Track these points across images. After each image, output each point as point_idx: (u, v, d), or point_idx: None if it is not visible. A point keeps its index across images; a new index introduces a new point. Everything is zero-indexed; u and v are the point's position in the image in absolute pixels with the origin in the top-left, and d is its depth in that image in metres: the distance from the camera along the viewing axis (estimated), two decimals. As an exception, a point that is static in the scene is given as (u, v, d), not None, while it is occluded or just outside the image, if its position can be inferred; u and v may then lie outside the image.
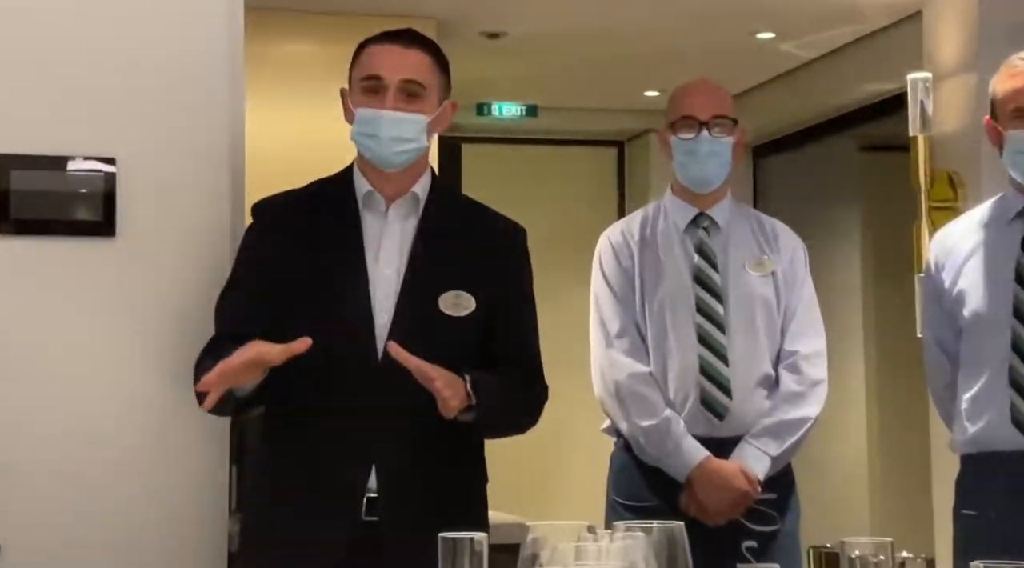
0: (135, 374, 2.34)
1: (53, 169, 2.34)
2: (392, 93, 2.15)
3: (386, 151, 2.15)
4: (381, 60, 2.17)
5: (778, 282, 2.79)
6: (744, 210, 2.95)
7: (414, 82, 2.16)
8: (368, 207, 2.20)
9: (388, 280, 2.15)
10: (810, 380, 2.75)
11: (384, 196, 2.20)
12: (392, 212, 2.20)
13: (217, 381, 1.96)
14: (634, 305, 2.80)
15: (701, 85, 2.85)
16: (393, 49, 2.18)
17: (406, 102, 2.16)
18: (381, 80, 2.15)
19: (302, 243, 2.17)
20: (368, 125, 2.16)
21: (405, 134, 2.15)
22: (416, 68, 2.18)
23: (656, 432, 2.70)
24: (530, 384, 2.25)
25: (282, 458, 2.15)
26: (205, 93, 2.42)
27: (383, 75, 2.15)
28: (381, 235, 2.18)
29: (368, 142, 2.16)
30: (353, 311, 2.11)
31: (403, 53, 2.18)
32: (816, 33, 5.35)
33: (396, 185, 2.20)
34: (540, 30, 5.31)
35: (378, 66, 2.16)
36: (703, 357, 2.72)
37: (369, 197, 2.20)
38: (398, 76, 2.15)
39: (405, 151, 2.16)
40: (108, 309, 2.34)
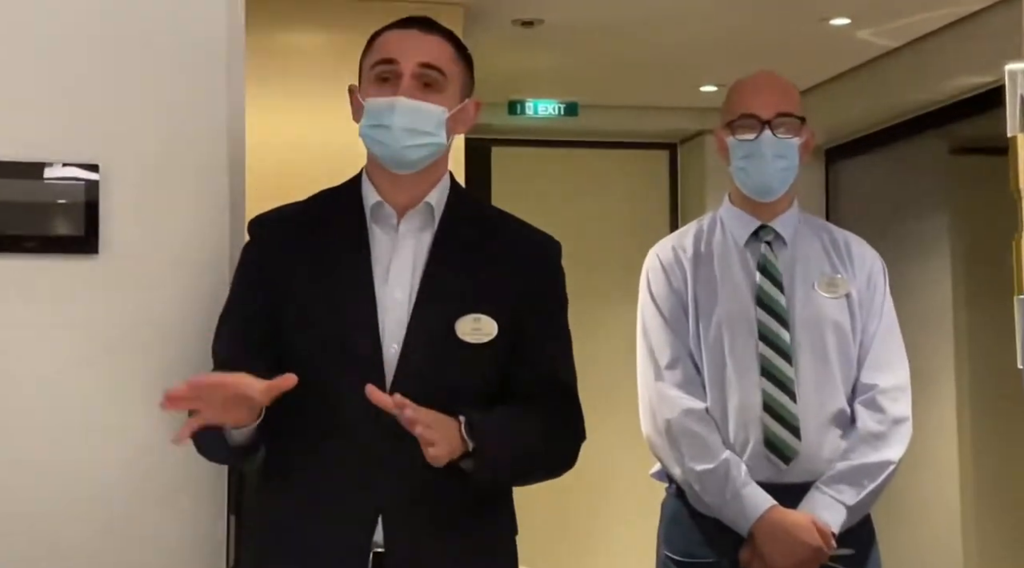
0: (122, 411, 2.34)
1: (27, 177, 2.34)
2: (408, 79, 2.15)
3: (399, 144, 2.14)
4: (397, 43, 2.18)
5: (853, 304, 2.79)
6: (813, 222, 2.94)
7: (433, 67, 2.16)
8: (377, 220, 2.20)
9: (399, 304, 2.14)
10: (891, 418, 2.74)
11: (395, 207, 2.20)
12: (404, 226, 2.19)
13: (187, 394, 1.92)
14: (687, 331, 2.80)
15: (763, 79, 2.85)
16: (411, 33, 2.19)
17: (423, 91, 2.16)
18: (395, 64, 2.15)
19: (303, 264, 2.16)
20: (379, 115, 2.15)
21: (421, 125, 2.15)
22: (436, 54, 2.18)
23: (713, 477, 2.70)
24: (561, 420, 2.20)
25: (281, 507, 2.15)
26: (200, 90, 2.43)
27: (398, 58, 2.15)
28: (392, 253, 2.17)
29: (378, 135, 2.15)
30: (360, 340, 2.10)
31: (422, 38, 2.19)
32: (898, 18, 5.33)
33: (409, 193, 2.20)
34: (581, 17, 5.32)
35: (393, 49, 2.17)
36: (767, 391, 2.72)
37: (378, 209, 2.20)
38: (415, 60, 2.15)
39: (421, 145, 2.16)
40: (90, 337, 2.35)
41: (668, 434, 2.76)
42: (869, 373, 2.77)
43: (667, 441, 2.76)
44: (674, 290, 2.82)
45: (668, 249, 2.87)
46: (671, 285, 2.82)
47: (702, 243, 2.85)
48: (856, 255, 2.85)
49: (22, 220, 2.35)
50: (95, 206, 2.36)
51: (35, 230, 2.35)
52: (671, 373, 2.78)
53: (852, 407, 2.76)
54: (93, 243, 2.37)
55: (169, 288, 2.37)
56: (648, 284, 2.86)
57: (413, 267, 2.17)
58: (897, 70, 5.80)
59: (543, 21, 5.36)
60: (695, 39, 5.60)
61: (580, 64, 6.11)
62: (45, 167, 2.35)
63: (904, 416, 2.76)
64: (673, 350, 2.79)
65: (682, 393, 2.76)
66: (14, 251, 2.34)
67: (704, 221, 2.91)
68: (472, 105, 2.26)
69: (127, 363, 2.36)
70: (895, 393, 2.76)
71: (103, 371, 2.35)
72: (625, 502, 6.56)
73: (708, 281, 2.80)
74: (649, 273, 2.87)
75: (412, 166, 2.18)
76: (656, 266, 2.86)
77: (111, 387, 2.35)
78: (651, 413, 2.80)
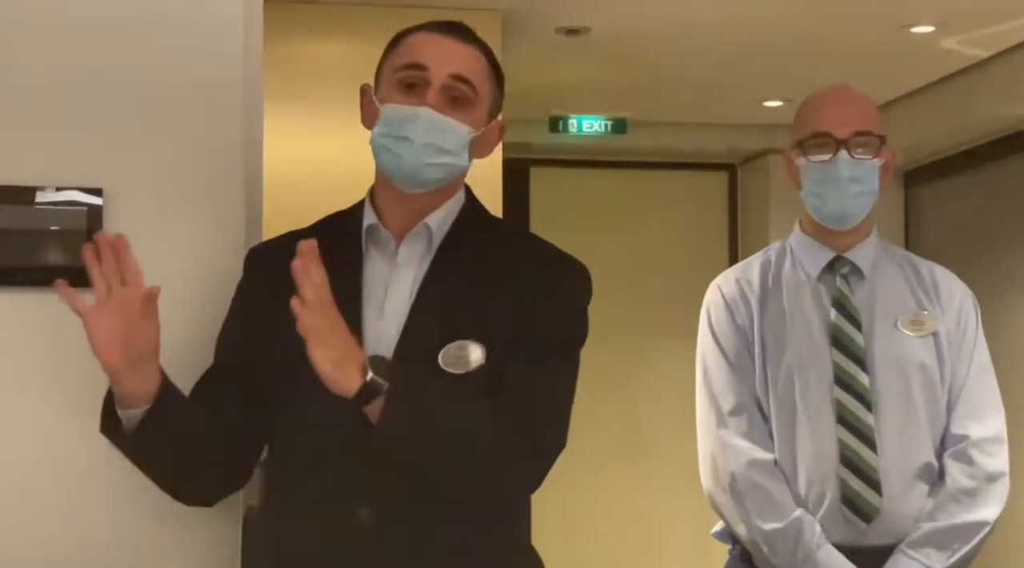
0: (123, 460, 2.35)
1: (19, 203, 2.35)
2: (436, 89, 2.14)
3: (416, 161, 2.13)
4: (429, 48, 2.17)
5: (941, 344, 2.78)
6: (895, 252, 2.94)
7: (466, 81, 2.15)
8: (375, 245, 2.21)
9: (392, 339, 2.14)
10: (985, 473, 2.72)
11: (394, 230, 2.20)
12: (404, 251, 2.19)
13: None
14: (753, 374, 2.80)
15: (839, 94, 2.85)
16: (445, 39, 2.18)
17: (451, 106, 2.15)
18: (425, 71, 2.14)
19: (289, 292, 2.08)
20: (398, 124, 2.13)
21: (445, 143, 2.14)
22: (470, 66, 2.18)
23: (784, 538, 2.69)
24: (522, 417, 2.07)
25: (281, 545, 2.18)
26: (214, 107, 2.44)
27: (428, 65, 2.14)
28: (388, 282, 2.18)
29: (395, 147, 2.13)
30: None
31: (456, 47, 2.18)
32: (988, 26, 5.32)
33: (413, 214, 2.19)
34: (632, 24, 5.34)
35: (424, 54, 2.16)
36: (844, 441, 2.71)
37: (374, 232, 2.20)
38: (447, 70, 2.14)
39: (440, 165, 2.15)
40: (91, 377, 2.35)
41: (732, 489, 2.75)
42: (960, 422, 2.75)
43: (731, 496, 2.75)
44: (738, 328, 2.82)
45: (732, 282, 2.87)
46: (735, 322, 2.82)
47: (770, 276, 2.85)
48: (944, 289, 2.84)
49: (14, 250, 2.36)
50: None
51: (29, 261, 2.36)
52: (735, 420, 2.77)
53: (941, 460, 2.75)
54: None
55: (178, 325, 2.37)
56: (709, 321, 2.86)
57: (411, 296, 2.16)
58: (986, 83, 5.79)
59: (590, 29, 5.37)
60: (758, 48, 5.61)
61: (629, 76, 6.13)
62: (37, 191, 2.36)
63: (1000, 471, 2.74)
64: (737, 395, 2.78)
65: (748, 443, 2.75)
66: (6, 284, 2.35)
67: (772, 251, 2.91)
68: (497, 127, 2.26)
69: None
70: (990, 445, 2.74)
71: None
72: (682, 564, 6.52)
73: (777, 318, 2.80)
74: (710, 309, 2.87)
75: (424, 186, 2.17)
76: (718, 301, 2.86)
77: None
78: (712, 465, 2.80)
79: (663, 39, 5.50)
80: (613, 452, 6.42)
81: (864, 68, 5.58)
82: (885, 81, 5.86)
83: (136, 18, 2.42)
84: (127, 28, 2.41)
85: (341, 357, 1.95)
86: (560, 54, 5.66)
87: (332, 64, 4.92)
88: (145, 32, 2.42)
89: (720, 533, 2.87)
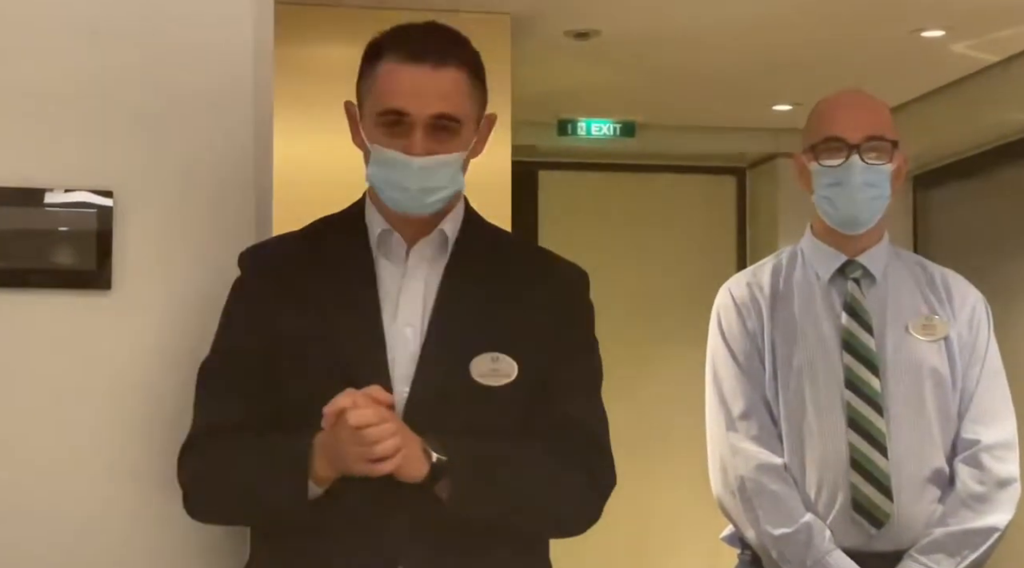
0: (135, 464, 2.36)
1: (29, 205, 2.35)
2: (420, 132, 2.13)
3: (415, 203, 2.15)
4: (405, 88, 2.14)
5: (952, 349, 2.77)
6: (907, 257, 2.93)
7: (449, 118, 2.15)
8: (384, 250, 2.21)
9: (409, 343, 2.14)
10: (996, 478, 2.71)
11: (404, 236, 2.20)
12: (414, 256, 2.20)
13: None
14: (763, 378, 2.79)
15: (851, 98, 2.84)
16: (420, 72, 2.14)
17: (437, 142, 2.15)
18: (407, 116, 2.13)
19: (303, 302, 2.15)
20: (390, 170, 2.15)
21: (439, 182, 2.15)
22: (451, 97, 2.15)
23: (793, 543, 2.68)
24: (578, 463, 2.14)
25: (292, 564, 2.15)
26: (224, 110, 2.44)
27: (410, 111, 2.13)
28: (400, 286, 2.18)
29: (391, 192, 2.16)
30: (367, 381, 2.07)
31: (434, 77, 2.14)
32: (999, 30, 5.31)
33: (421, 224, 2.21)
34: (642, 27, 5.33)
35: (402, 98, 2.13)
36: (854, 446, 2.70)
37: (385, 237, 2.20)
38: (428, 111, 2.12)
39: (439, 199, 2.17)
40: (101, 381, 2.36)
41: (741, 493, 2.74)
42: (971, 427, 2.74)
43: (740, 501, 2.75)
44: (749, 332, 2.81)
45: (743, 286, 2.86)
46: (746, 326, 2.81)
47: (781, 279, 2.84)
48: (956, 294, 2.83)
49: (23, 252, 2.35)
50: (108, 237, 2.37)
51: (38, 263, 2.36)
52: (745, 424, 2.77)
53: (951, 465, 2.74)
54: (105, 278, 2.38)
55: (187, 328, 2.37)
56: (720, 325, 2.85)
57: (424, 301, 2.17)
58: (996, 87, 5.78)
59: (599, 32, 5.37)
60: (768, 52, 5.60)
61: (639, 80, 6.13)
62: (46, 193, 2.36)
63: (1011, 476, 2.73)
64: (747, 399, 2.78)
65: (757, 447, 2.75)
66: (15, 286, 2.35)
67: (783, 255, 2.90)
68: (487, 124, 2.25)
69: (142, 409, 2.36)
70: (1000, 450, 2.73)
71: (116, 419, 2.36)
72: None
73: (787, 322, 2.79)
74: (721, 312, 2.86)
75: (428, 212, 2.19)
76: (729, 304, 2.85)
77: (124, 436, 2.36)
78: (722, 469, 2.79)
79: (672, 42, 5.50)
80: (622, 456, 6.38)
81: (874, 72, 5.58)
82: (895, 85, 5.84)
83: (147, 21, 2.42)
84: (138, 31, 2.41)
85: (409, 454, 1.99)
86: (569, 57, 5.65)
87: (342, 67, 4.85)
88: (156, 34, 2.42)
89: (729, 537, 2.86)
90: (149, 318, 2.38)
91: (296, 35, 4.64)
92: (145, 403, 2.37)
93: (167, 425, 2.32)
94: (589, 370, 2.24)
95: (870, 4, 4.99)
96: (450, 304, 2.16)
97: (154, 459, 2.34)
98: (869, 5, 5.00)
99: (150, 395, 2.37)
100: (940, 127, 6.14)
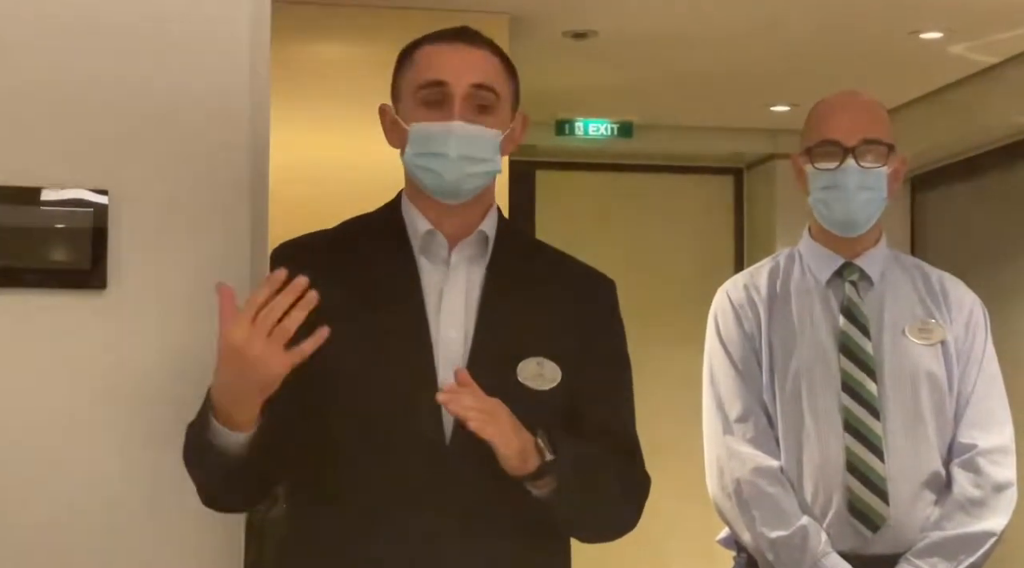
0: (130, 463, 2.35)
1: (24, 203, 2.35)
2: (460, 102, 2.15)
3: (455, 174, 2.15)
4: (444, 61, 2.17)
5: (949, 353, 2.77)
6: (904, 260, 2.92)
7: (488, 88, 2.17)
8: (426, 251, 2.21)
9: (453, 343, 2.14)
10: (992, 482, 2.71)
11: (447, 236, 2.21)
12: (456, 257, 2.20)
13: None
14: (760, 381, 2.78)
15: (848, 100, 2.83)
16: (457, 48, 2.19)
17: (477, 114, 2.17)
18: (446, 86, 2.15)
19: (343, 302, 2.12)
20: (431, 142, 2.15)
21: (479, 153, 2.16)
22: (488, 72, 2.19)
23: (789, 546, 2.67)
24: (628, 467, 2.22)
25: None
26: (220, 108, 2.44)
27: (448, 80, 2.15)
28: (442, 287, 2.18)
29: (433, 164, 2.15)
30: (414, 384, 2.10)
31: (469, 53, 2.19)
32: (997, 32, 5.31)
33: (460, 222, 2.21)
34: (639, 28, 5.33)
35: (440, 69, 2.16)
36: (851, 449, 2.69)
37: (429, 238, 2.21)
38: (467, 80, 2.15)
39: (478, 174, 2.17)
40: (95, 381, 2.36)
41: (737, 496, 2.74)
42: (967, 431, 2.74)
43: (736, 503, 2.74)
44: (746, 334, 2.80)
45: (740, 288, 2.86)
46: (743, 328, 2.81)
47: (778, 282, 2.84)
48: (953, 298, 2.83)
49: (18, 251, 2.34)
50: (103, 235, 2.36)
51: (33, 262, 2.35)
52: (742, 427, 2.76)
53: (948, 469, 2.73)
54: (100, 277, 2.37)
55: (184, 327, 2.37)
56: (717, 327, 2.84)
57: (466, 303, 2.18)
58: (994, 90, 5.78)
59: (597, 33, 5.37)
60: (766, 52, 5.60)
61: (636, 80, 6.13)
62: (42, 191, 2.35)
63: (1007, 481, 2.73)
64: (744, 401, 2.77)
65: (754, 449, 2.74)
66: (9, 285, 2.34)
67: (781, 257, 2.89)
68: (521, 120, 2.27)
69: (136, 410, 2.36)
70: (997, 454, 2.73)
71: (110, 419, 2.36)
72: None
73: (785, 325, 2.78)
74: (718, 315, 2.85)
75: (467, 195, 2.19)
76: (726, 307, 2.84)
77: (118, 437, 2.35)
78: (718, 472, 2.78)
79: (670, 43, 5.49)
80: (616, 456, 6.39)
81: (871, 73, 5.57)
82: (892, 86, 5.84)
83: (143, 20, 2.42)
84: (134, 30, 2.41)
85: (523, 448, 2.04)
86: (567, 57, 5.65)
87: (339, 66, 4.92)
88: (152, 34, 2.42)
89: (725, 540, 2.86)
90: (144, 317, 2.38)
91: (293, 34, 4.63)
92: (139, 402, 2.36)
93: (162, 424, 2.31)
94: (624, 380, 2.28)
95: (868, 5, 4.99)
96: (495, 307, 2.18)
97: (148, 457, 2.34)
98: (867, 6, 5.00)
99: (144, 394, 2.36)
100: (938, 129, 6.14)
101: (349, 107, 4.53)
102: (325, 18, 4.93)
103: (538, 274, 2.25)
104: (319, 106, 4.79)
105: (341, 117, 4.69)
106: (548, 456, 2.04)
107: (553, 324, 2.19)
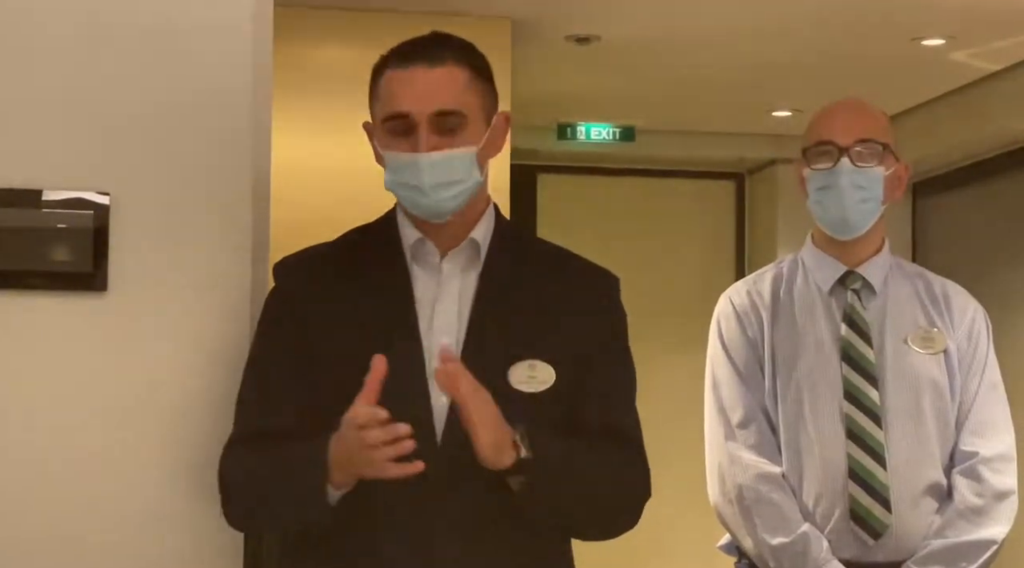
0: (130, 471, 2.34)
1: (25, 205, 2.34)
2: (424, 132, 2.15)
3: (431, 201, 2.16)
4: (405, 91, 2.16)
5: (951, 361, 2.76)
6: (907, 268, 2.92)
7: (451, 113, 2.16)
8: (418, 259, 2.22)
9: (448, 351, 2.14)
10: (994, 490, 2.71)
11: (437, 244, 2.22)
12: (448, 265, 2.22)
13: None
14: (762, 387, 2.78)
15: (845, 104, 2.85)
16: (416, 73, 2.16)
17: (444, 137, 2.16)
18: (408, 118, 2.15)
19: (340, 312, 2.18)
20: (403, 173, 2.16)
21: (452, 176, 2.16)
22: (449, 93, 2.16)
23: (790, 553, 2.67)
24: (625, 469, 2.22)
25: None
26: (222, 111, 2.43)
27: (409, 110, 2.15)
28: (435, 295, 2.19)
29: (409, 194, 2.18)
30: (406, 391, 2.11)
31: (429, 75, 2.16)
32: (999, 39, 5.31)
33: (450, 233, 2.22)
34: (642, 33, 5.33)
35: (402, 100, 2.16)
36: (853, 456, 2.69)
37: (419, 247, 2.22)
38: (429, 109, 2.14)
39: (455, 196, 2.18)
40: (95, 386, 2.35)
41: (739, 502, 2.73)
42: (969, 439, 2.74)
43: (738, 510, 2.74)
44: (749, 340, 2.80)
45: (743, 294, 2.85)
46: (746, 334, 2.80)
47: (781, 289, 2.83)
48: (956, 306, 2.82)
49: (18, 253, 2.33)
50: (104, 237, 2.36)
51: (33, 264, 2.34)
52: (744, 433, 2.76)
53: (950, 477, 2.73)
54: (101, 279, 2.36)
55: (185, 330, 2.37)
56: (720, 332, 2.84)
57: (459, 310, 2.19)
58: (995, 96, 5.77)
59: (599, 38, 5.36)
60: (768, 58, 5.60)
61: (638, 84, 6.12)
62: (43, 192, 2.35)
63: (1008, 489, 2.72)
64: (746, 407, 2.77)
65: (756, 456, 2.74)
66: (9, 287, 2.33)
67: (784, 264, 2.89)
68: (501, 121, 2.27)
69: (136, 416, 2.35)
70: (998, 462, 2.73)
71: (110, 425, 2.35)
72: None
73: (787, 332, 2.78)
74: (721, 320, 2.85)
75: (450, 214, 2.20)
76: (729, 312, 2.84)
77: (118, 443, 2.34)
78: (720, 478, 2.78)
79: (672, 48, 5.49)
80: (617, 461, 6.39)
81: (874, 80, 5.57)
82: (895, 93, 5.84)
83: (146, 22, 2.41)
84: (137, 34, 2.41)
85: (499, 440, 2.04)
86: (569, 62, 5.65)
87: (341, 69, 4.91)
88: (155, 37, 2.41)
89: (726, 546, 2.86)
90: (145, 319, 2.37)
91: (295, 37, 4.63)
92: (140, 405, 2.35)
93: (163, 426, 2.32)
94: (626, 377, 2.27)
95: (870, 12, 4.98)
96: (486, 313, 2.18)
97: (151, 459, 2.33)
98: (869, 13, 4.99)
99: (145, 397, 2.35)
100: (940, 135, 6.13)
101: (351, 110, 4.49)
102: (327, 22, 4.93)
103: (535, 275, 2.25)
104: (321, 109, 4.79)
105: (343, 120, 4.64)
106: (524, 453, 2.05)
107: (549, 325, 2.20)
